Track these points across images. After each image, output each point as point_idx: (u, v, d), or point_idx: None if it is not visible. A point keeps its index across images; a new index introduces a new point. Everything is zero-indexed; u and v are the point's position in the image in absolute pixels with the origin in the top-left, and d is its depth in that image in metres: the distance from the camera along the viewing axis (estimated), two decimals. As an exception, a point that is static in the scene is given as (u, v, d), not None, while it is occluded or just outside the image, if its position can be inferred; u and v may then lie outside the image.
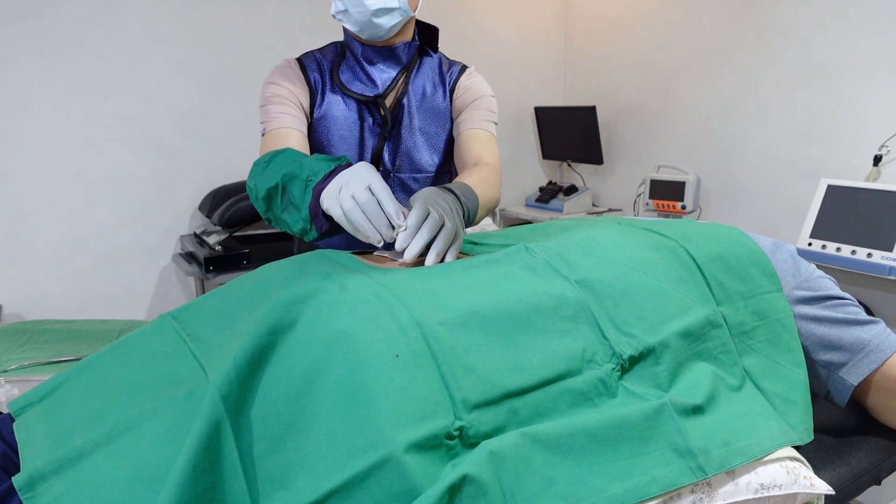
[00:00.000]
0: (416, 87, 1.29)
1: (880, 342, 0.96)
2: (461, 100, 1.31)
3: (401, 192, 1.30)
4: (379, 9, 1.14)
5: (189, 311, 0.87)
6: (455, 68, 1.34)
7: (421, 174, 1.30)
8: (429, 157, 1.30)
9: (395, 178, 1.29)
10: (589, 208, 3.25)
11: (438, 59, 1.34)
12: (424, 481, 0.61)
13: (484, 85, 1.34)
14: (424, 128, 1.29)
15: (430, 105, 1.29)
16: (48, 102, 2.22)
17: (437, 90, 1.30)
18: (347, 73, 1.26)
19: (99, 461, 0.63)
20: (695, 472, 0.73)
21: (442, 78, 1.32)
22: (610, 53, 3.21)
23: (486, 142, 1.28)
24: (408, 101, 1.27)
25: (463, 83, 1.32)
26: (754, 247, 1.04)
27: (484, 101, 1.32)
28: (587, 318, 0.82)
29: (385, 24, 1.17)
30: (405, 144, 1.27)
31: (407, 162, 1.28)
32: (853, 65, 2.26)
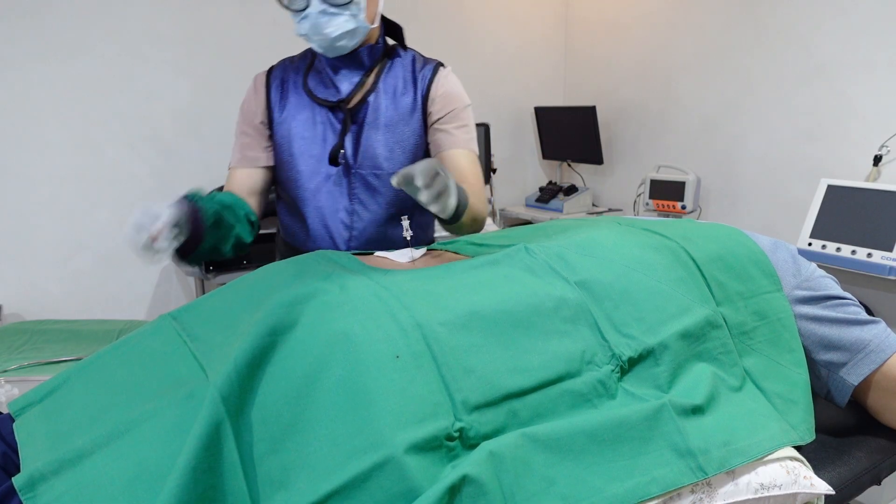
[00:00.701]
0: (386, 86, 1.29)
1: (881, 342, 0.96)
2: (438, 107, 1.29)
3: (363, 188, 1.29)
4: (339, 35, 1.17)
5: (189, 311, 0.87)
6: (428, 68, 1.31)
7: (382, 171, 1.28)
8: (392, 154, 1.28)
9: (356, 174, 1.28)
10: (589, 208, 3.25)
11: (412, 57, 1.33)
12: (424, 482, 0.61)
13: (460, 91, 1.32)
14: (391, 126, 1.28)
15: (400, 104, 1.28)
16: (48, 102, 2.22)
17: (408, 89, 1.29)
18: (315, 79, 1.30)
19: (99, 462, 0.63)
20: (695, 472, 0.73)
21: (414, 77, 1.30)
22: (610, 53, 3.21)
23: (470, 164, 1.29)
24: (375, 99, 1.27)
25: (439, 88, 1.29)
26: (754, 247, 1.03)
27: (463, 114, 1.30)
28: (587, 319, 0.82)
29: (348, 45, 1.21)
30: (368, 142, 1.27)
31: (369, 159, 1.27)
32: (853, 65, 2.25)
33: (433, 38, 2.96)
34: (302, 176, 1.30)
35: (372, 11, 1.22)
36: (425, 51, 1.45)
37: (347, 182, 1.29)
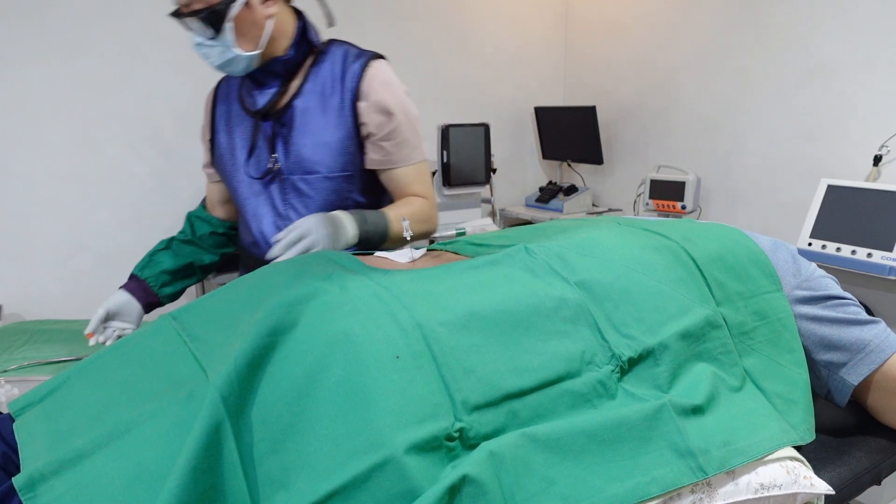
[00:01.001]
0: (314, 87, 1.26)
1: (881, 342, 0.96)
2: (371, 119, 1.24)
3: (294, 194, 1.28)
4: (221, 64, 1.19)
5: (189, 311, 0.87)
6: (357, 64, 1.25)
7: (311, 176, 1.26)
8: (320, 158, 1.26)
9: (287, 180, 1.28)
10: (589, 208, 3.25)
11: (343, 53, 1.28)
12: (424, 482, 0.61)
13: (392, 93, 1.25)
14: (319, 129, 1.25)
15: (327, 104, 1.25)
16: (48, 102, 2.22)
17: (336, 88, 1.25)
18: (245, 89, 1.31)
19: (99, 462, 0.63)
20: (695, 472, 0.73)
21: (343, 74, 1.26)
22: (610, 53, 3.21)
23: (414, 177, 1.29)
24: (302, 102, 1.25)
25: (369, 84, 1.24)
26: (754, 247, 1.03)
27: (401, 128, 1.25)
28: (587, 319, 0.82)
29: (236, 69, 1.21)
30: (296, 147, 1.25)
31: (298, 164, 1.26)
32: (853, 65, 2.26)
33: (433, 38, 2.96)
34: (239, 185, 1.32)
35: (252, 38, 1.17)
36: (426, 50, 1.44)
37: (280, 188, 1.29)
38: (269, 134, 1.27)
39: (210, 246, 1.43)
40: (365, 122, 1.25)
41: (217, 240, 1.44)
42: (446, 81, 3.03)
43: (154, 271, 1.31)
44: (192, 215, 1.44)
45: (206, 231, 1.42)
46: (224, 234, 1.45)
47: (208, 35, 1.14)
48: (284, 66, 1.24)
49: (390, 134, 1.25)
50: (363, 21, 2.77)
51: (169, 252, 1.36)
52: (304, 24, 1.27)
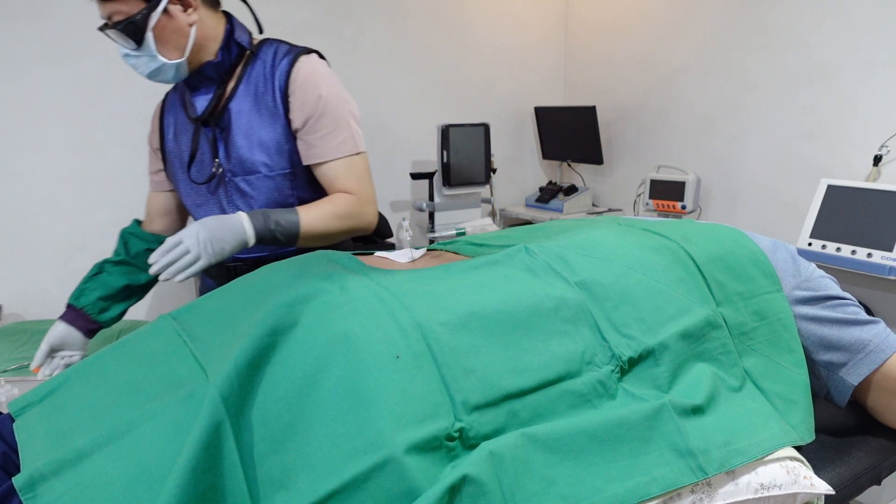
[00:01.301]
0: (248, 89, 1.26)
1: (880, 342, 0.96)
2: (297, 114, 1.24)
3: (237, 196, 1.29)
4: (149, 73, 1.19)
5: (189, 311, 0.87)
6: (285, 61, 1.25)
7: (253, 176, 1.26)
8: (258, 158, 1.26)
9: (231, 183, 1.28)
10: (589, 208, 3.25)
11: (273, 51, 1.27)
12: (424, 482, 0.61)
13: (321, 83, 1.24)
14: (255, 129, 1.25)
15: (261, 104, 1.26)
16: (48, 102, 2.22)
17: (268, 87, 1.26)
18: (186, 97, 1.31)
19: (99, 462, 0.63)
20: (695, 472, 0.73)
21: (273, 72, 1.26)
22: (610, 53, 3.21)
23: (341, 171, 1.26)
24: (236, 105, 1.26)
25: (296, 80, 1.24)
26: (754, 247, 1.03)
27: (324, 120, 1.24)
28: (587, 319, 0.82)
29: (167, 78, 1.21)
30: (236, 148, 1.26)
31: (238, 166, 1.27)
32: (853, 64, 2.25)
33: (433, 38, 2.96)
34: (189, 190, 1.33)
35: (177, 46, 1.17)
36: (426, 50, 1.44)
37: (225, 192, 1.30)
38: (210, 138, 1.27)
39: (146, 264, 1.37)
40: (292, 118, 1.25)
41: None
42: (446, 81, 3.03)
43: (90, 299, 1.28)
44: (126, 233, 1.39)
45: (141, 249, 1.37)
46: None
47: (131, 46, 1.14)
48: (216, 69, 1.24)
49: (314, 127, 1.25)
50: (363, 21, 2.77)
51: (101, 277, 1.32)
52: (231, 27, 1.26)
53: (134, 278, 1.35)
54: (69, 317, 1.26)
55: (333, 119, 1.25)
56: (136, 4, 1.10)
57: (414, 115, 2.95)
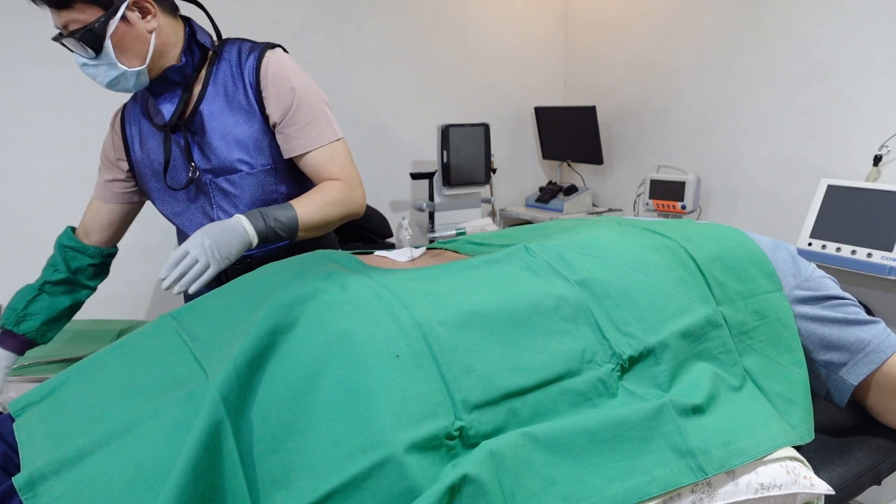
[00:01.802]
0: (216, 90, 1.25)
1: (880, 342, 0.96)
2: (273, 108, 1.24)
3: (221, 197, 1.28)
4: (109, 82, 1.16)
5: (189, 311, 0.87)
6: (252, 57, 1.24)
7: (235, 175, 1.26)
8: (238, 157, 1.26)
9: (213, 185, 1.27)
10: (589, 208, 3.25)
11: (237, 50, 1.27)
12: (425, 481, 0.61)
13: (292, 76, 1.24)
14: (231, 128, 1.25)
15: (233, 102, 1.25)
16: (48, 102, 2.22)
17: (238, 85, 1.25)
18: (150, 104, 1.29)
19: (99, 461, 0.63)
20: (695, 472, 0.73)
21: (241, 70, 1.25)
22: (610, 53, 3.21)
23: (329, 158, 1.27)
24: (208, 106, 1.24)
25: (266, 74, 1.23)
26: (754, 247, 1.03)
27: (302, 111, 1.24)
28: (587, 318, 0.82)
29: (127, 86, 1.18)
30: (213, 149, 1.25)
31: (219, 166, 1.26)
32: (853, 65, 2.26)
33: (433, 38, 2.96)
34: (166, 199, 1.31)
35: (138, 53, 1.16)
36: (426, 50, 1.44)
37: (206, 195, 1.29)
38: (182, 144, 1.25)
39: (88, 278, 1.37)
40: (269, 112, 1.25)
41: (94, 271, 1.38)
42: (446, 81, 3.03)
43: (34, 325, 1.26)
44: (63, 247, 1.35)
45: (82, 264, 1.35)
46: (101, 264, 1.39)
47: (89, 55, 1.12)
48: (180, 73, 1.23)
49: (292, 119, 1.24)
50: (363, 21, 2.77)
51: (45, 298, 1.30)
52: (191, 30, 1.25)
53: (76, 297, 1.33)
54: (8, 343, 1.24)
55: (310, 109, 1.25)
56: (94, 12, 1.08)
57: (414, 115, 2.95)
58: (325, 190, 1.25)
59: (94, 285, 1.39)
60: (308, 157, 1.26)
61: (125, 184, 1.37)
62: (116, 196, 1.37)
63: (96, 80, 1.16)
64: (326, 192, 1.25)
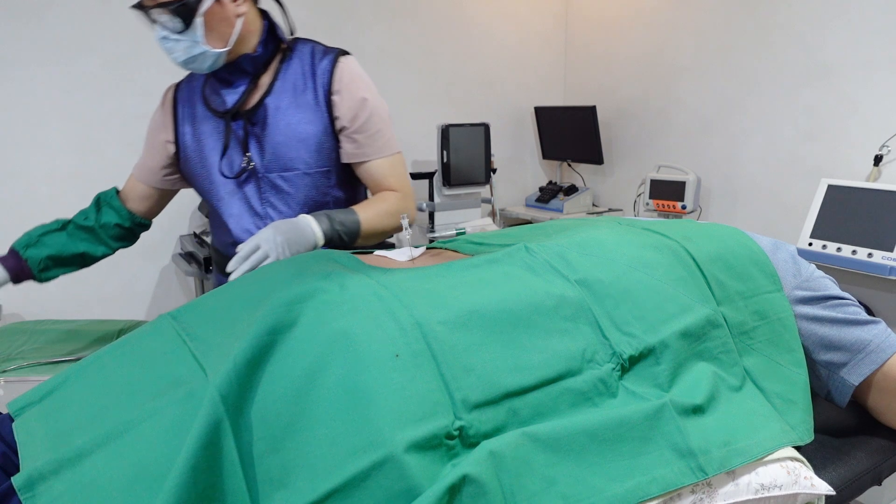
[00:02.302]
0: (284, 85, 1.26)
1: (881, 342, 0.96)
2: (345, 112, 1.26)
3: (272, 192, 1.28)
4: (186, 60, 1.17)
5: (189, 311, 0.87)
6: (327, 60, 1.27)
7: (290, 172, 1.26)
8: (297, 155, 1.26)
9: (265, 179, 1.27)
10: (589, 208, 3.25)
11: (310, 50, 1.29)
12: (424, 481, 0.61)
13: (364, 87, 1.28)
14: (294, 125, 1.25)
15: (301, 101, 1.26)
16: (48, 102, 2.22)
17: (308, 84, 1.26)
18: (209, 90, 1.29)
19: (98, 461, 0.63)
20: (695, 472, 0.73)
21: (313, 71, 1.27)
22: (610, 53, 3.21)
23: (387, 169, 1.30)
24: (274, 100, 1.25)
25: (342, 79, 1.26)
26: (754, 247, 1.03)
27: (373, 120, 1.27)
28: (587, 317, 0.82)
29: (202, 66, 1.19)
30: (272, 145, 1.25)
31: (275, 162, 1.26)
32: (854, 64, 2.25)
33: (433, 38, 2.96)
34: (213, 186, 1.31)
35: (222, 35, 1.17)
36: (426, 49, 1.45)
37: (257, 187, 1.29)
38: (240, 133, 1.26)
39: (110, 237, 1.35)
40: (339, 116, 1.26)
41: (119, 233, 1.36)
42: (446, 81, 3.03)
43: (40, 254, 1.23)
44: (102, 199, 1.36)
45: (111, 221, 1.34)
46: (129, 229, 1.38)
47: (176, 29, 1.12)
48: (253, 63, 1.23)
49: (364, 126, 1.27)
50: (363, 21, 2.77)
51: (63, 235, 1.27)
52: (270, 23, 1.27)
53: (93, 248, 1.31)
54: (8, 263, 1.23)
55: (378, 119, 1.29)
56: None
57: (414, 114, 2.95)
58: (385, 200, 1.28)
59: (115, 247, 1.37)
60: (370, 165, 1.29)
61: (166, 170, 1.37)
62: (155, 181, 1.38)
63: (172, 56, 1.17)
64: (387, 202, 1.27)
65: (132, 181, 1.40)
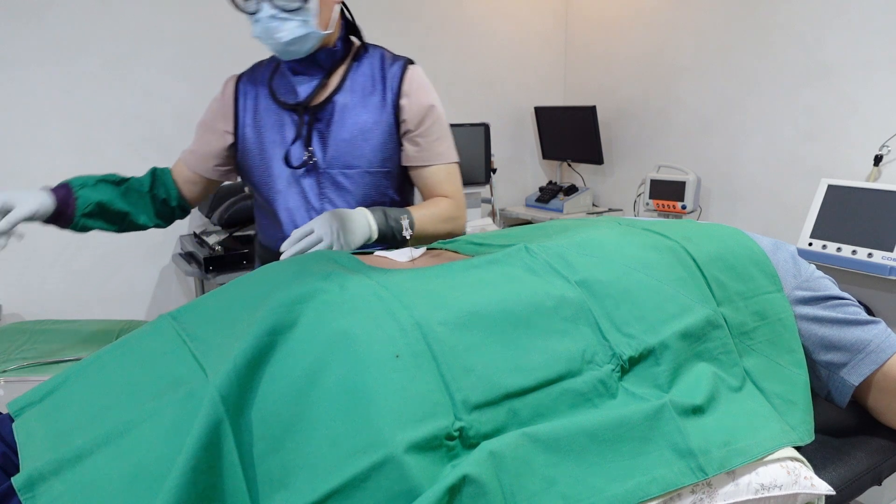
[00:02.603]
0: (354, 85, 1.29)
1: (881, 342, 0.96)
2: (411, 117, 1.29)
3: (331, 188, 1.30)
4: (291, 40, 1.17)
5: (189, 311, 0.87)
6: (397, 66, 1.31)
7: (352, 170, 1.28)
8: (361, 153, 1.28)
9: (325, 174, 1.29)
10: (589, 208, 3.25)
11: (380, 55, 1.33)
12: (424, 482, 0.61)
13: (430, 90, 1.33)
14: (359, 124, 1.28)
15: (368, 102, 1.28)
16: (48, 102, 2.22)
17: (377, 87, 1.29)
18: (278, 82, 1.31)
19: (98, 462, 0.63)
20: (695, 472, 0.73)
21: (383, 75, 1.30)
22: (610, 53, 3.21)
23: (444, 176, 1.32)
24: (342, 98, 1.27)
25: (410, 85, 1.30)
26: (755, 247, 1.03)
27: (436, 126, 1.32)
28: (587, 318, 0.82)
29: (301, 49, 1.21)
30: (336, 141, 1.27)
31: (337, 158, 1.28)
32: (854, 64, 2.26)
33: (433, 38, 2.96)
34: (271, 178, 1.32)
35: (325, 18, 1.21)
36: (426, 49, 1.45)
37: (316, 182, 1.29)
38: (304, 128, 1.27)
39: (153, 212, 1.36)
40: (405, 119, 1.29)
41: (163, 210, 1.37)
42: (446, 81, 3.03)
43: (92, 197, 1.21)
44: (158, 174, 1.36)
45: (160, 196, 1.35)
46: (173, 209, 1.38)
47: (291, 6, 1.13)
48: (331, 58, 1.26)
49: (428, 130, 1.30)
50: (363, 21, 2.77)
51: (118, 190, 1.26)
52: (347, 22, 1.30)
53: (137, 214, 1.31)
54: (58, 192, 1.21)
55: (441, 127, 1.33)
56: None
57: (414, 115, 2.95)
58: (438, 205, 1.30)
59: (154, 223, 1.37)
60: (430, 170, 1.31)
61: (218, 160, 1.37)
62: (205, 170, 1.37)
63: (275, 35, 1.16)
64: (441, 207, 1.29)
65: (180, 166, 1.39)
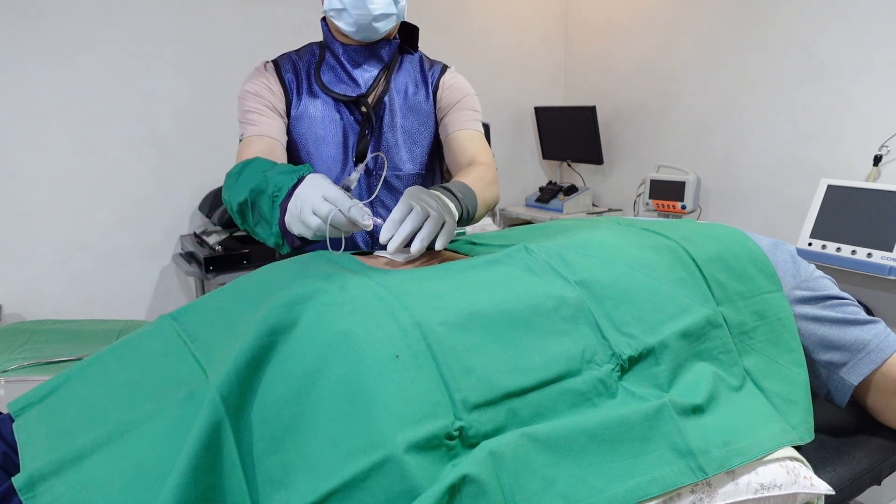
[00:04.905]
0: (398, 86, 1.29)
1: (880, 342, 0.96)
2: (446, 99, 1.32)
3: (385, 190, 1.29)
4: (380, 14, 1.18)
5: (189, 311, 0.87)
6: (436, 67, 1.34)
7: (402, 172, 1.28)
8: (410, 155, 1.29)
9: (376, 177, 1.28)
10: (589, 208, 3.25)
11: (419, 58, 1.35)
12: (424, 481, 0.61)
13: (466, 84, 1.35)
14: (407, 126, 1.28)
15: (413, 104, 1.29)
16: (48, 102, 2.22)
17: (420, 89, 1.31)
18: (329, 74, 1.26)
19: (99, 462, 0.63)
20: (695, 472, 0.73)
21: (424, 77, 1.32)
22: (610, 53, 3.21)
23: (478, 141, 1.31)
24: (389, 99, 1.27)
25: (446, 82, 1.33)
26: (754, 247, 1.03)
27: (469, 100, 1.33)
28: (587, 318, 0.82)
29: (382, 29, 1.21)
30: (387, 143, 1.27)
31: (390, 160, 1.27)
32: (853, 64, 2.26)
33: (433, 38, 2.96)
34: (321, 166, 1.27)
35: (403, 6, 1.24)
36: (426, 50, 1.45)
37: (368, 184, 1.27)
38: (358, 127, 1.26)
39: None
40: (439, 108, 1.31)
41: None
42: (446, 81, 3.03)
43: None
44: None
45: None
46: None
47: None
48: (389, 51, 1.27)
49: (461, 104, 1.31)
50: (363, 21, 2.77)
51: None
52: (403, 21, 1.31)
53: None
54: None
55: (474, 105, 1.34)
56: None
57: (414, 115, 2.95)
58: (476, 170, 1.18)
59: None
60: (464, 133, 1.29)
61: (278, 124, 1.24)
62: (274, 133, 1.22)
63: (369, 6, 1.16)
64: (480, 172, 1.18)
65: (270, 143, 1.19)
